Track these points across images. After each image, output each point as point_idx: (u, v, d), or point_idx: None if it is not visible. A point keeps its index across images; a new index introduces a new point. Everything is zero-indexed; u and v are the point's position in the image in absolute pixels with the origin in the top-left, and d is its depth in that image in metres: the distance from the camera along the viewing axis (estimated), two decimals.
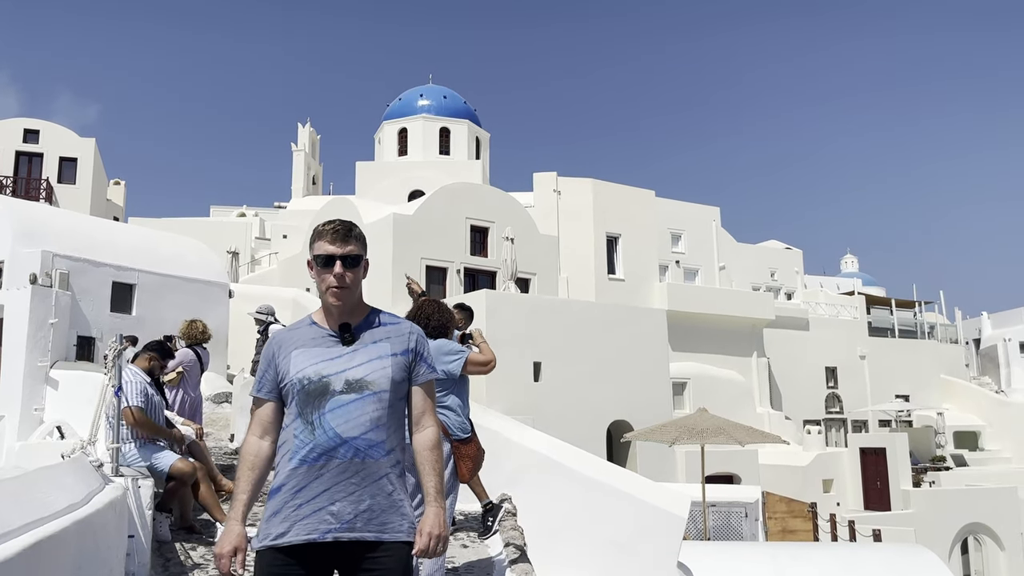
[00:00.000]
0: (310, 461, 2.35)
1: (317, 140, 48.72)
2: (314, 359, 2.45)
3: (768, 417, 30.02)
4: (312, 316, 2.58)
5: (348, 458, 2.35)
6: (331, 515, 2.32)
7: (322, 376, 2.41)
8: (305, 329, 2.55)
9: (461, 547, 5.20)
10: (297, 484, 2.35)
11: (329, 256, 2.47)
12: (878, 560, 6.50)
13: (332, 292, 2.47)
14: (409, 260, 23.52)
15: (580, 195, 31.20)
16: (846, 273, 57.94)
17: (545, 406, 18.48)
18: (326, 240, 2.49)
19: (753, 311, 32.46)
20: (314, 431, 2.37)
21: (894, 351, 37.13)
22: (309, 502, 2.33)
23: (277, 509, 2.36)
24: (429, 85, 42.24)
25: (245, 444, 2.51)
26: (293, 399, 2.43)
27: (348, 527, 2.32)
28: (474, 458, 4.50)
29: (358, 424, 2.37)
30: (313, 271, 2.53)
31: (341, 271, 2.47)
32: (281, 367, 2.48)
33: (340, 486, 2.34)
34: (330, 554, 2.35)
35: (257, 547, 2.37)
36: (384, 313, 2.62)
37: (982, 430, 35.05)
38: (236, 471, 2.48)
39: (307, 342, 2.49)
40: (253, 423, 2.53)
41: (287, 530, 2.32)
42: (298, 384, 2.41)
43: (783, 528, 15.41)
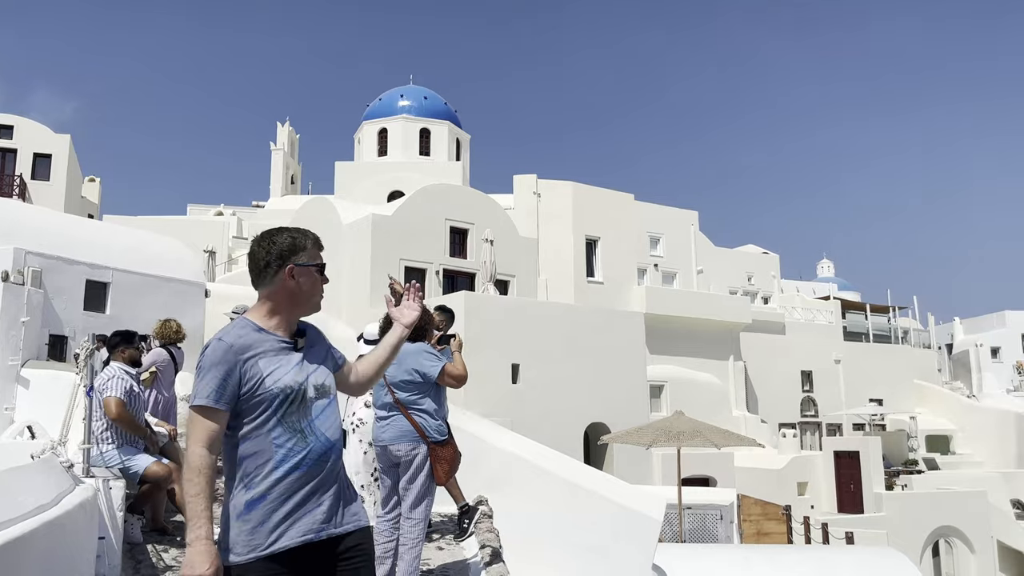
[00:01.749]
0: (305, 467, 2.38)
1: (296, 139, 48.44)
2: (285, 367, 2.43)
3: (744, 420, 30.22)
4: (253, 321, 2.49)
5: (333, 459, 2.46)
6: (322, 513, 2.40)
7: (300, 383, 2.43)
8: (257, 335, 2.45)
9: (436, 549, 5.20)
10: (287, 491, 2.36)
11: (324, 266, 2.58)
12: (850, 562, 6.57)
13: (319, 301, 2.57)
14: (388, 261, 23.45)
15: (560, 198, 31.27)
16: (822, 278, 58.53)
17: (523, 408, 18.50)
18: (320, 249, 2.58)
19: (730, 315, 32.68)
20: (307, 438, 2.40)
21: (868, 356, 37.54)
22: (301, 506, 2.37)
23: (264, 519, 2.33)
24: (410, 86, 42.16)
25: (197, 458, 2.30)
26: (268, 408, 2.38)
27: (336, 521, 2.43)
28: (450, 461, 4.49)
29: (336, 427, 2.50)
30: (294, 278, 2.49)
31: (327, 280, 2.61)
32: (249, 375, 2.38)
33: (327, 486, 2.43)
34: (317, 554, 2.39)
35: (240, 561, 2.31)
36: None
37: (954, 434, 35.51)
38: (188, 486, 2.29)
39: (268, 350, 2.44)
40: (201, 434, 2.33)
41: (281, 535, 2.33)
42: (280, 393, 2.39)
43: (758, 531, 15.52)
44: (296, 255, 2.50)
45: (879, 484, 26.14)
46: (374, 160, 39.10)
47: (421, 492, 4.32)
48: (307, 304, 2.54)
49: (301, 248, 2.52)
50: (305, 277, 2.51)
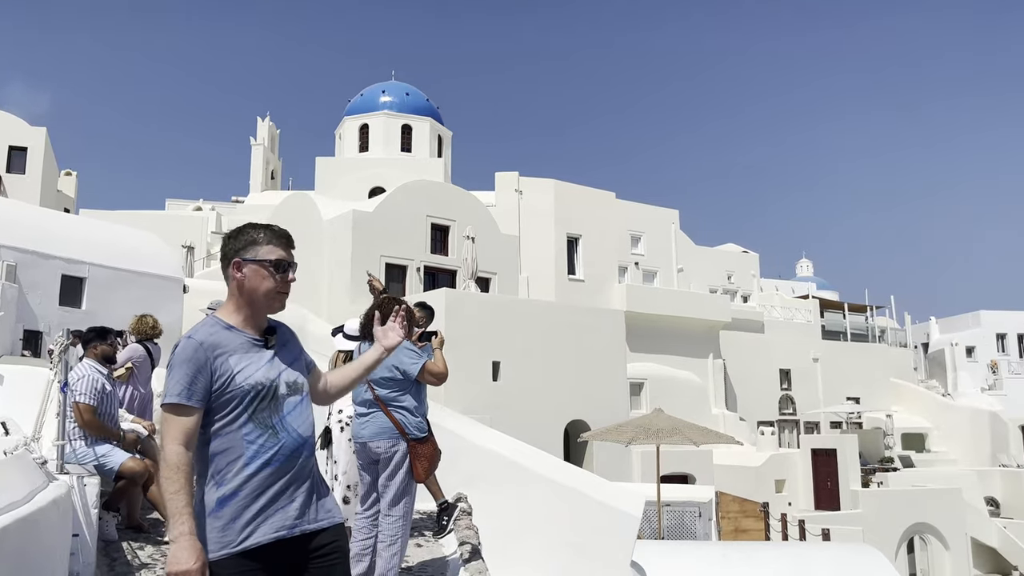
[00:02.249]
0: (276, 463, 2.39)
1: (277, 134, 48.14)
2: (255, 364, 2.44)
3: (723, 418, 30.42)
4: (222, 319, 2.49)
5: (305, 456, 2.47)
6: (295, 510, 2.41)
7: (271, 380, 2.44)
8: (227, 333, 2.46)
9: (416, 546, 5.18)
10: (259, 487, 2.36)
11: (285, 261, 2.50)
12: (826, 559, 6.64)
13: (280, 298, 2.50)
14: (368, 257, 23.35)
15: (541, 195, 31.30)
16: (801, 277, 59.01)
17: (503, 405, 18.50)
18: (279, 245, 2.50)
19: (710, 313, 32.88)
20: (278, 434, 2.41)
21: (846, 354, 37.91)
22: (273, 502, 2.38)
23: (236, 515, 2.34)
24: (392, 82, 42.00)
25: (174, 455, 2.29)
26: (240, 405, 2.38)
27: (309, 518, 2.44)
28: (430, 458, 4.48)
29: (308, 423, 2.51)
30: (242, 272, 2.47)
31: (293, 278, 2.52)
32: (220, 372, 2.38)
33: (299, 482, 2.44)
34: (290, 550, 2.40)
35: (212, 558, 2.30)
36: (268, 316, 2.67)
37: (929, 432, 35.95)
38: (167, 484, 2.27)
39: (239, 347, 2.44)
40: (176, 432, 2.31)
41: (253, 532, 2.34)
42: (251, 390, 2.39)
43: (736, 527, 15.64)
44: (245, 250, 2.48)
45: (856, 481, 26.40)
46: (355, 156, 38.93)
47: (400, 489, 4.31)
48: (260, 301, 2.48)
49: (251, 243, 2.48)
50: (252, 272, 2.46)
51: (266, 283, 2.47)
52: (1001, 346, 47.36)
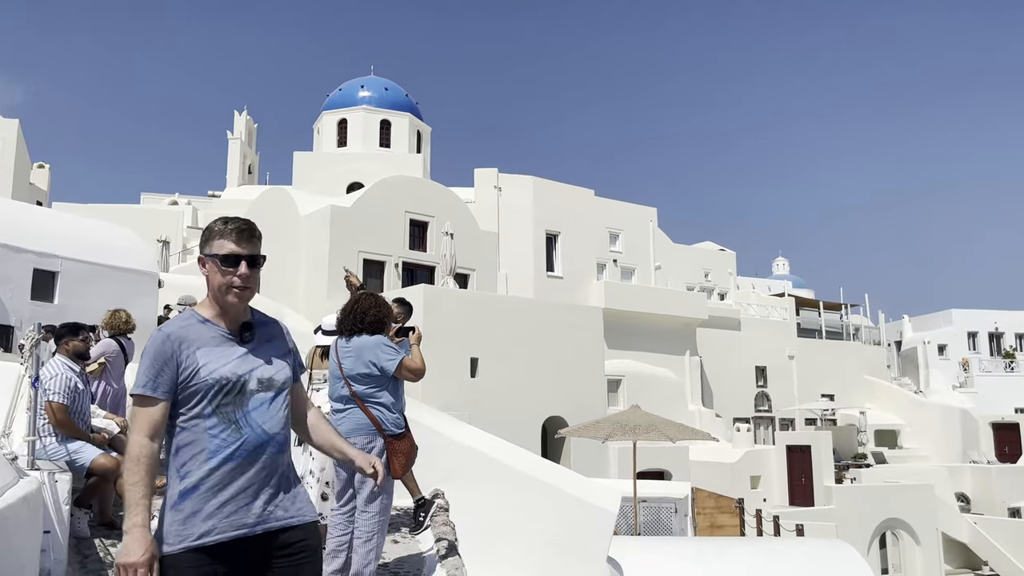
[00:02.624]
0: (238, 459, 2.37)
1: (254, 128, 47.75)
2: (225, 358, 2.43)
3: (699, 414, 30.63)
4: (199, 313, 2.50)
5: (272, 453, 2.43)
6: (258, 508, 2.38)
7: (238, 375, 2.42)
8: (200, 327, 2.46)
9: (392, 543, 5.18)
10: (220, 482, 2.35)
11: (234, 255, 2.45)
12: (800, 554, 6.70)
13: (235, 292, 2.45)
14: (346, 253, 23.24)
15: (520, 192, 31.31)
16: (777, 275, 59.60)
17: (482, 402, 18.50)
18: (229, 239, 2.46)
19: (687, 311, 33.07)
20: (241, 430, 2.39)
21: (821, 352, 38.29)
22: (234, 498, 2.35)
23: (196, 509, 2.32)
24: (371, 77, 41.79)
25: (136, 446, 2.31)
26: (204, 399, 2.38)
27: (274, 516, 2.40)
28: (407, 454, 4.47)
29: (278, 420, 2.47)
30: (206, 268, 2.48)
31: (247, 271, 2.46)
32: (186, 365, 2.38)
33: (264, 479, 2.41)
34: (253, 548, 2.37)
35: (171, 551, 2.30)
36: (257, 310, 2.63)
37: (901, 429, 36.41)
38: (127, 475, 2.30)
39: (208, 341, 2.44)
40: (142, 423, 2.33)
41: (213, 527, 2.32)
42: (216, 384, 2.38)
43: (711, 523, 15.76)
44: (206, 244, 2.49)
45: (829, 478, 26.70)
46: (333, 151, 38.71)
47: (375, 486, 4.29)
48: (218, 296, 2.47)
49: (209, 237, 2.49)
50: (210, 267, 2.46)
51: (216, 278, 2.45)
52: (972, 344, 48.09)
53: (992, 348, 48.47)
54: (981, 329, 48.65)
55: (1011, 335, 48.96)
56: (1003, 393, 42.07)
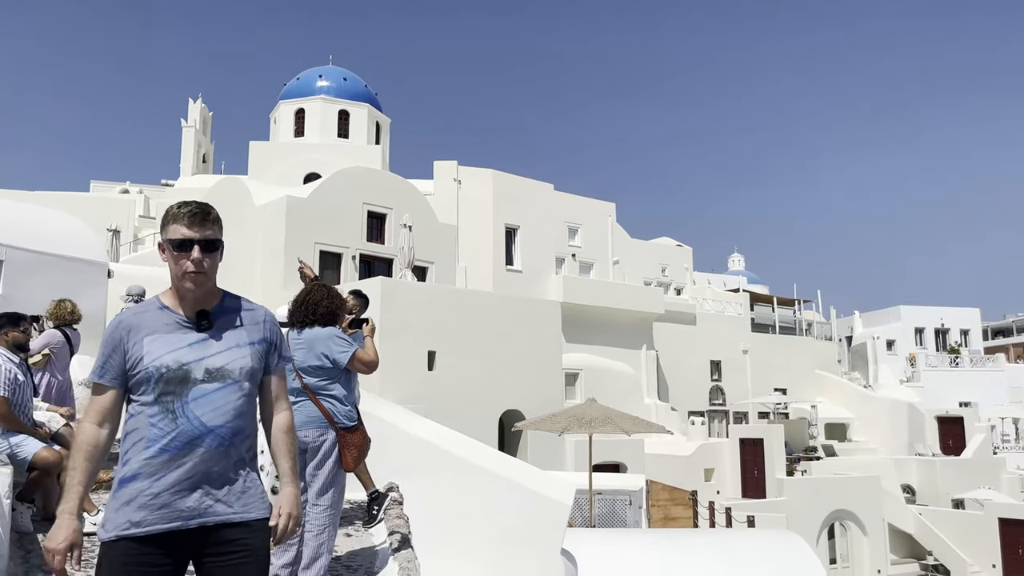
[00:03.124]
0: (173, 450, 2.32)
1: (209, 116, 46.85)
2: (170, 346, 2.38)
3: (655, 408, 30.95)
4: (161, 299, 2.48)
5: (213, 447, 2.36)
6: (194, 501, 2.32)
7: (181, 364, 2.37)
8: (156, 314, 2.44)
9: (345, 536, 5.13)
10: (155, 472, 2.31)
11: (186, 240, 2.40)
12: (750, 545, 6.80)
13: (189, 278, 2.41)
14: (302, 244, 22.95)
15: (480, 185, 31.25)
16: (733, 271, 60.40)
17: (439, 395, 18.45)
18: (182, 223, 2.41)
19: (644, 305, 33.35)
20: (177, 420, 2.34)
21: (774, 347, 38.96)
22: (170, 490, 2.30)
23: (131, 498, 2.29)
24: (329, 66, 41.27)
25: (82, 432, 2.36)
26: (147, 387, 2.35)
27: (212, 511, 2.34)
28: (359, 447, 4.44)
29: (223, 413, 2.38)
30: (165, 254, 2.45)
31: (199, 256, 2.41)
32: (131, 353, 2.37)
33: (203, 473, 2.34)
34: (189, 541, 2.33)
35: (105, 538, 2.28)
36: (235, 297, 2.57)
37: (851, 422, 37.25)
38: (69, 460, 2.33)
39: (160, 328, 2.41)
40: (91, 410, 2.38)
41: (145, 518, 2.28)
42: (156, 372, 2.34)
43: (665, 515, 15.95)
44: (162, 230, 2.46)
45: (781, 470, 27.22)
46: (290, 141, 38.17)
47: (329, 479, 4.26)
48: (176, 282, 2.44)
49: (165, 222, 2.45)
50: (169, 254, 2.44)
51: (171, 264, 2.43)
52: (919, 340, 49.38)
53: (938, 344, 49.85)
54: (928, 325, 49.99)
55: (956, 331, 50.42)
56: (948, 387, 43.29)
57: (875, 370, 43.80)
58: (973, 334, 51.04)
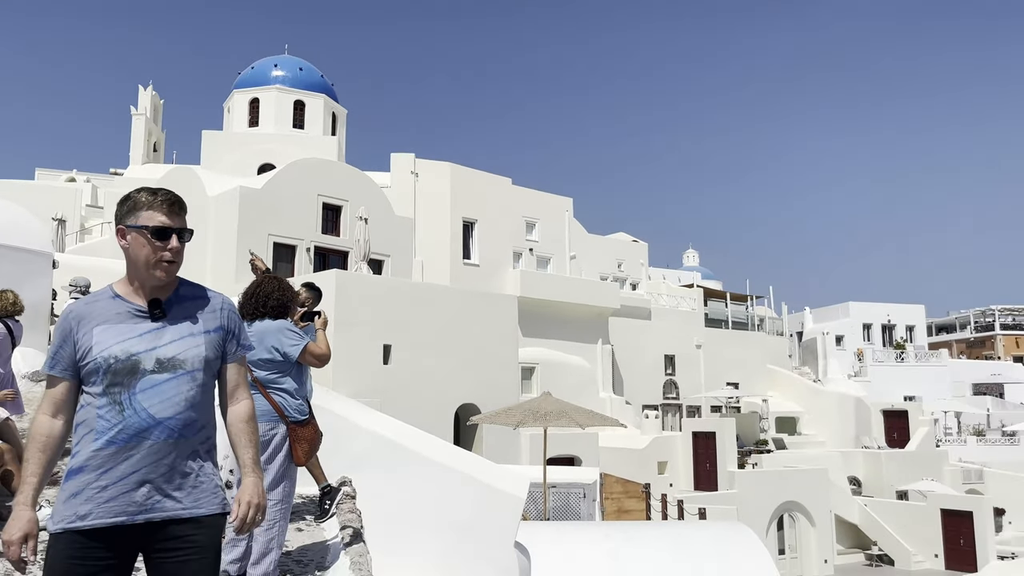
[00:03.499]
0: (119, 442, 2.28)
1: (160, 105, 45.86)
2: (120, 336, 2.34)
3: (610, 402, 31.22)
4: (114, 288, 2.43)
5: (162, 439, 2.31)
6: (142, 495, 2.27)
7: (131, 354, 2.32)
8: (107, 303, 2.40)
9: (296, 531, 5.09)
10: (102, 465, 2.27)
11: (166, 228, 2.38)
12: (701, 537, 6.90)
13: (163, 267, 2.38)
14: (255, 236, 22.61)
15: (438, 178, 31.11)
16: (687, 267, 61.19)
17: (394, 389, 18.34)
18: (160, 211, 2.38)
19: (600, 300, 33.59)
20: (123, 411, 2.29)
21: (727, 341, 39.56)
22: (116, 483, 2.26)
23: (78, 490, 2.25)
24: (285, 56, 40.66)
25: (35, 424, 2.34)
26: (97, 378, 2.31)
27: (160, 506, 2.29)
28: (310, 441, 4.39)
29: (173, 404, 2.33)
30: (128, 240, 2.39)
31: (178, 245, 2.40)
32: (81, 344, 2.33)
33: (152, 466, 2.29)
34: (136, 536, 2.29)
35: (53, 530, 2.25)
36: (191, 284, 2.53)
37: (800, 416, 38.03)
38: (25, 452, 2.32)
39: (111, 317, 2.36)
40: (44, 401, 2.36)
41: (91, 511, 2.24)
42: (104, 363, 2.30)
43: (619, 508, 16.09)
44: (128, 215, 2.40)
45: (732, 463, 27.67)
46: (245, 131, 37.53)
47: (279, 473, 4.21)
48: (142, 270, 2.39)
49: (134, 208, 2.40)
50: (133, 239, 2.38)
51: (145, 250, 2.37)
52: (867, 335, 50.62)
53: (885, 339, 51.15)
54: (875, 321, 51.27)
55: (902, 327, 51.78)
56: (893, 382, 44.46)
57: (824, 365, 44.76)
58: (918, 330, 52.49)
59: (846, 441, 35.88)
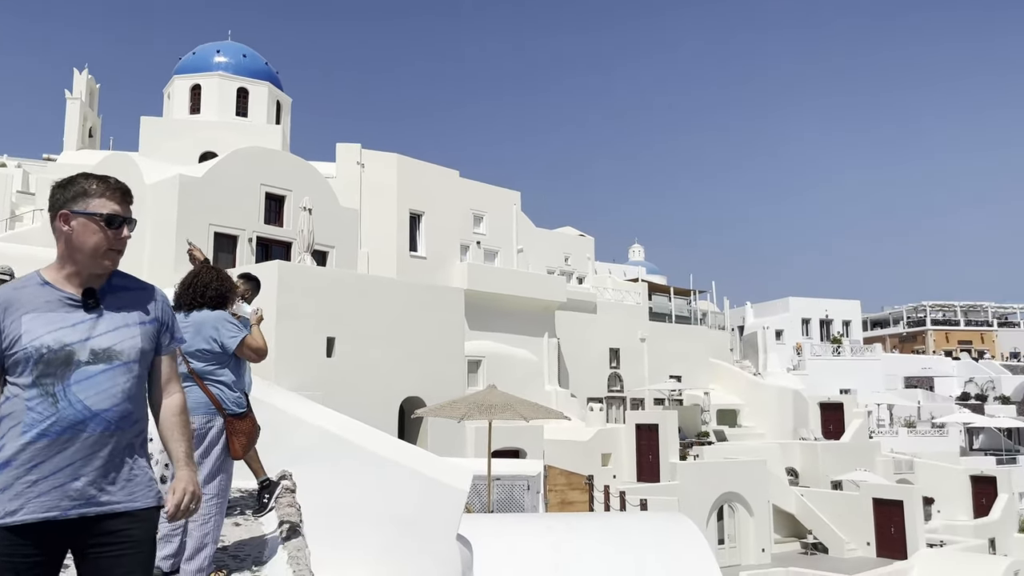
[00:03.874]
0: (52, 435, 2.20)
1: (97, 89, 44.48)
2: (51, 325, 2.25)
3: (556, 394, 31.42)
4: (43, 275, 2.34)
5: (98, 432, 2.24)
6: (75, 490, 2.20)
7: (64, 344, 2.24)
8: (36, 290, 2.31)
9: (233, 525, 4.99)
10: (32, 459, 2.18)
11: (117, 216, 2.33)
12: (641, 528, 7.00)
13: (111, 256, 2.33)
14: (196, 226, 22.10)
15: (384, 169, 30.84)
16: (633, 261, 61.84)
17: (337, 382, 18.15)
18: (113, 199, 2.34)
19: (547, 294, 33.74)
20: (57, 403, 2.21)
21: (670, 335, 40.14)
22: (48, 477, 2.18)
23: (6, 485, 2.17)
24: (228, 42, 39.76)
25: None
26: (26, 368, 2.23)
27: (95, 501, 2.22)
28: (248, 434, 4.33)
29: (110, 396, 2.27)
30: (70, 225, 2.31)
31: (128, 235, 2.37)
32: (8, 332, 2.24)
33: (86, 460, 2.22)
34: (68, 532, 2.22)
35: None
36: (124, 275, 2.47)
37: (741, 408, 38.83)
38: None
39: (41, 306, 2.27)
40: None
41: (20, 507, 2.15)
42: (35, 353, 2.22)
43: (562, 500, 16.24)
44: (74, 201, 2.32)
45: (674, 455, 28.11)
46: (185, 118, 36.61)
47: (215, 467, 4.14)
48: (86, 257, 2.31)
49: (82, 194, 2.32)
50: (80, 226, 2.30)
51: (95, 238, 2.30)
52: (805, 330, 51.88)
53: (822, 334, 52.50)
54: (814, 316, 52.57)
55: (839, 322, 53.20)
56: (830, 375, 45.67)
57: (764, 359, 45.76)
58: (854, 325, 53.99)
59: (784, 433, 36.73)
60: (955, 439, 40.12)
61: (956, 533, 30.12)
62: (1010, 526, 32.00)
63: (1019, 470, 36.03)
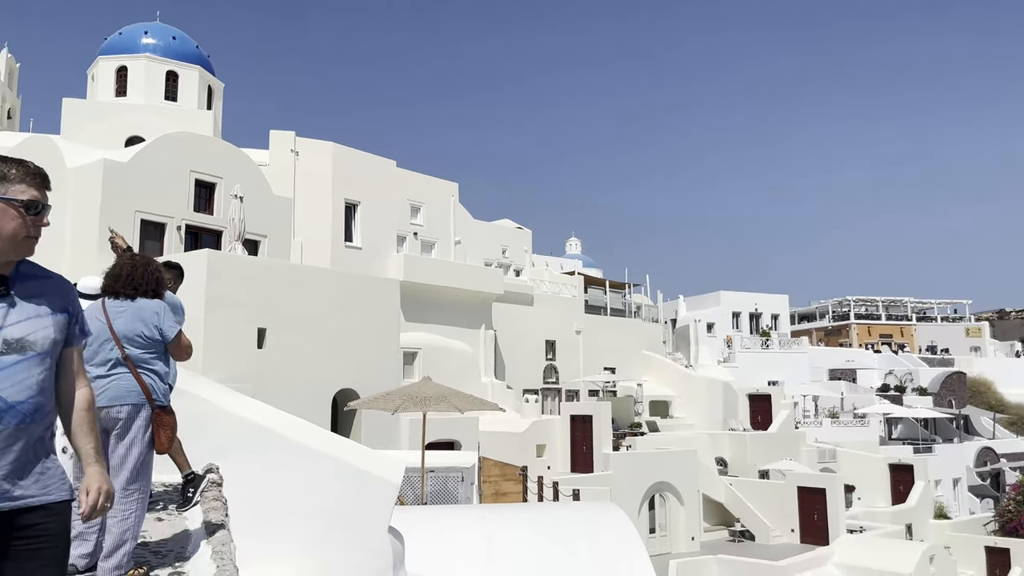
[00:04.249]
0: None
1: (16, 68, 42.60)
2: None
3: (492, 386, 31.49)
4: None
5: (12, 425, 2.17)
6: None
7: None
8: None
9: (156, 520, 4.85)
10: None
11: (37, 203, 2.26)
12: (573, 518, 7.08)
13: (29, 243, 2.26)
14: (121, 212, 21.37)
15: (319, 158, 30.35)
16: (570, 255, 62.37)
17: (268, 374, 17.82)
18: (33, 185, 2.26)
19: (484, 286, 33.76)
20: None
21: (605, 328, 40.63)
22: None
23: None
24: (156, 23, 38.51)
25: None
26: None
27: (8, 495, 2.15)
28: (174, 427, 4.21)
29: (25, 388, 2.20)
30: None
31: (47, 222, 2.32)
32: None
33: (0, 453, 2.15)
34: None
35: None
36: (30, 263, 2.38)
37: (672, 400, 39.57)
38: None
39: None
40: None
41: None
42: None
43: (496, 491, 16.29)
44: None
45: (608, 445, 28.49)
46: (111, 100, 35.33)
47: (139, 460, 4.00)
48: (6, 244, 2.22)
49: (4, 178, 2.24)
50: (1, 211, 2.21)
51: (13, 224, 2.21)
52: (736, 323, 53.16)
53: (752, 327, 53.87)
54: (744, 310, 53.91)
55: (768, 316, 54.66)
56: (759, 367, 46.91)
57: (696, 351, 46.71)
58: (782, 319, 55.55)
59: (714, 423, 37.57)
60: (875, 429, 41.62)
61: (875, 519, 31.29)
62: (926, 513, 33.41)
63: (935, 459, 37.64)
